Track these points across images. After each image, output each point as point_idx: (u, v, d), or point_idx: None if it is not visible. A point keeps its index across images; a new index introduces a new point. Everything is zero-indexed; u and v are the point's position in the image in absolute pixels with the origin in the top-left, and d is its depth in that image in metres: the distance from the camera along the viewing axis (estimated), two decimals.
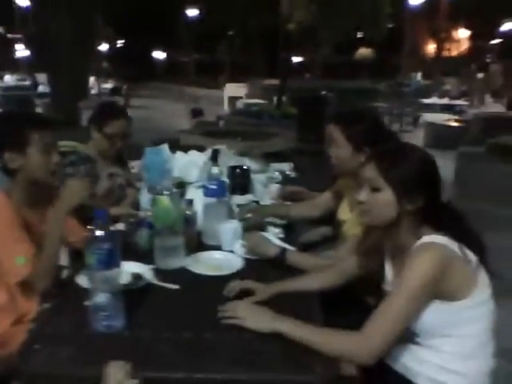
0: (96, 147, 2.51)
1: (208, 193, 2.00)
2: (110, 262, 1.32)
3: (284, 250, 1.83)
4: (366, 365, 1.32)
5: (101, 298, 1.35)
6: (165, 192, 1.74)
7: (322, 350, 1.29)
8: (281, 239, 2.05)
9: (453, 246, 1.35)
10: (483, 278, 1.40)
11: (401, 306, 1.31)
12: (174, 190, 1.88)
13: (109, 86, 21.99)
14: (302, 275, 1.74)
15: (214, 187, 1.97)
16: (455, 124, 10.37)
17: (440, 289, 1.33)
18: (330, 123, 2.00)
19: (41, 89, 14.46)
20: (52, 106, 8.04)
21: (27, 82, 17.26)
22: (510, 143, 5.48)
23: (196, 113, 11.11)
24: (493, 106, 14.81)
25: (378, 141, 1.71)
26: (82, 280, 1.64)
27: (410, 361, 1.46)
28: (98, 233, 1.30)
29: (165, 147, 2.69)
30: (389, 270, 1.57)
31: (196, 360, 1.28)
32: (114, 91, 20.81)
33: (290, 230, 2.26)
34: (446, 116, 13.43)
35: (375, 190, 1.41)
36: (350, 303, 1.86)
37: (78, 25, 8.13)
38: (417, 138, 10.50)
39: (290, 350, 1.31)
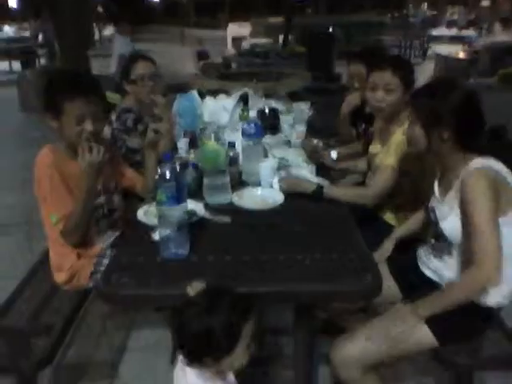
0: (133, 98, 2.59)
1: (246, 134, 2.14)
2: (178, 198, 1.49)
3: (320, 186, 1.99)
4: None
5: (170, 229, 1.53)
6: (211, 136, 1.89)
7: None
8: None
9: (497, 166, 1.54)
10: None
11: (488, 226, 1.46)
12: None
13: (108, 32, 21.47)
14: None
15: (252, 129, 2.11)
16: (465, 55, 10.23)
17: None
18: (387, 69, 2.05)
19: (41, 38, 14.15)
20: (60, 56, 7.96)
21: (27, 33, 16.84)
22: None
23: (202, 55, 11.00)
24: (502, 35, 14.43)
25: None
26: (142, 216, 1.83)
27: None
28: (168, 173, 1.46)
29: (194, 93, 2.81)
30: (437, 189, 1.75)
31: (257, 276, 1.47)
32: None
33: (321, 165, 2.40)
34: (454, 47, 13.19)
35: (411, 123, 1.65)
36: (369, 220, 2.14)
37: None
38: (427, 70, 10.41)
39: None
